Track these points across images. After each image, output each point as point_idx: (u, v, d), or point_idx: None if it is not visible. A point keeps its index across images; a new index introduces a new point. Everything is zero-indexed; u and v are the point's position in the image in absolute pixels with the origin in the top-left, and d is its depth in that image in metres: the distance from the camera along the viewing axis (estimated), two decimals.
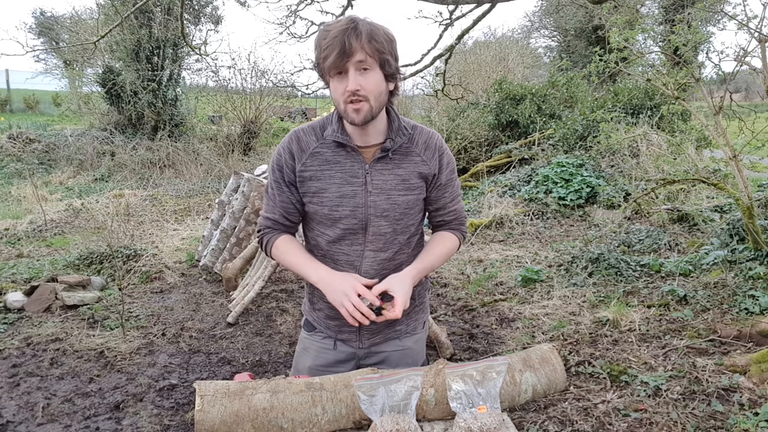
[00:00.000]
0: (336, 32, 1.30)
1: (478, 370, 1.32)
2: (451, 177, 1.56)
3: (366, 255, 1.50)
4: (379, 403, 1.26)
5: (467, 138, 9.39)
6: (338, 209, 1.46)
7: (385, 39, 1.35)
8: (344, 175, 1.45)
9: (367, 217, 1.46)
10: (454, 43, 6.67)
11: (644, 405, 2.56)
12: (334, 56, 1.31)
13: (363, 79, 1.34)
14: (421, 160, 1.48)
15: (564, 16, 18.53)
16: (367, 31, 1.31)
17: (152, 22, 12.02)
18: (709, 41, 4.54)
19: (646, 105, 7.89)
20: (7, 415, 2.77)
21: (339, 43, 1.30)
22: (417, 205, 1.52)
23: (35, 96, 19.36)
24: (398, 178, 1.47)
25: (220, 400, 1.25)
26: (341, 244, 1.50)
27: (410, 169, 1.48)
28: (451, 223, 1.61)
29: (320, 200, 1.47)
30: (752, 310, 3.29)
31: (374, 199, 1.45)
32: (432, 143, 1.51)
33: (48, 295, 4.17)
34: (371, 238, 1.49)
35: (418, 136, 1.50)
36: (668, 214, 5.61)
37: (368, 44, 1.31)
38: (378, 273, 1.51)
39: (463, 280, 4.79)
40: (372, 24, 1.35)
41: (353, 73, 1.33)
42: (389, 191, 1.46)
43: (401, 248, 1.53)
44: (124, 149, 11.52)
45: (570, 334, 3.40)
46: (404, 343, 1.59)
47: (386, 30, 1.37)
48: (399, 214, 1.48)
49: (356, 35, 1.30)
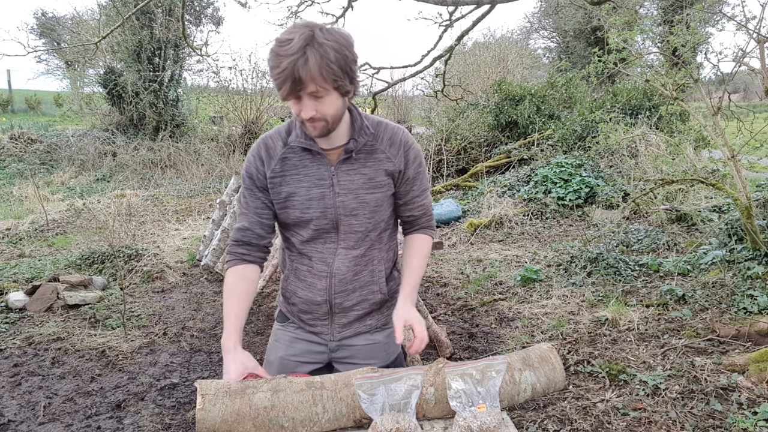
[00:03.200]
0: (286, 63, 1.24)
1: (477, 369, 1.33)
2: (419, 171, 1.55)
3: (339, 252, 1.52)
4: (380, 401, 1.27)
5: (467, 138, 9.40)
6: (308, 211, 1.49)
7: (339, 61, 1.28)
8: (312, 178, 1.48)
9: (337, 217, 1.48)
10: (454, 44, 6.67)
11: (643, 404, 2.57)
12: (285, 89, 1.28)
13: (318, 104, 1.32)
14: (386, 157, 1.49)
15: (563, 17, 18.52)
16: (318, 59, 1.24)
17: (153, 23, 12.03)
18: (708, 42, 4.56)
19: (645, 105, 7.90)
20: (9, 415, 2.78)
21: (290, 77, 1.25)
22: (386, 202, 1.53)
23: (37, 96, 19.38)
24: (364, 177, 1.48)
25: (221, 399, 1.26)
26: (315, 243, 1.53)
27: (376, 167, 1.48)
28: (420, 220, 1.61)
29: (291, 204, 1.50)
30: (751, 310, 3.30)
31: (342, 199, 1.47)
32: (397, 139, 1.50)
33: (50, 295, 4.18)
34: (343, 236, 1.51)
35: (383, 133, 1.50)
36: (667, 214, 5.62)
37: (320, 76, 1.26)
38: (350, 270, 1.53)
39: (462, 279, 4.80)
40: (325, 44, 1.26)
41: (307, 101, 1.31)
42: (356, 191, 1.48)
43: (373, 244, 1.55)
44: (125, 149, 11.53)
45: (569, 334, 3.41)
46: (375, 338, 1.59)
47: (341, 45, 1.29)
48: (369, 212, 1.50)
49: (306, 67, 1.24)
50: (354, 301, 1.56)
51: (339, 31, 1.32)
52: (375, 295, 1.59)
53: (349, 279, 1.54)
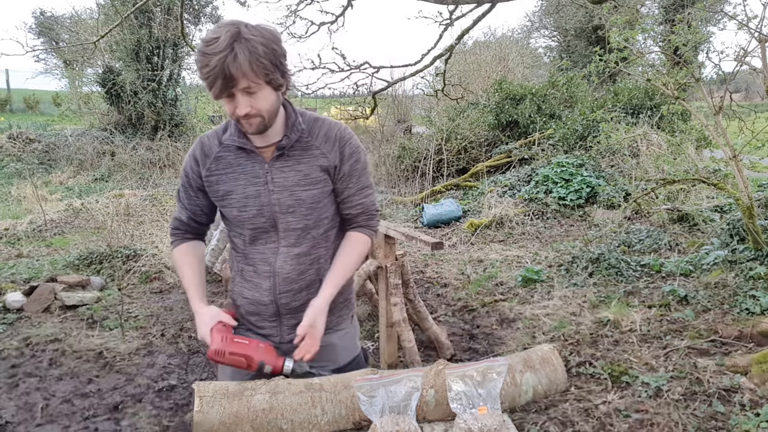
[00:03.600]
0: (215, 61, 1.24)
1: (478, 370, 1.31)
2: (356, 168, 1.52)
3: (280, 251, 1.51)
4: (379, 404, 1.26)
5: (467, 138, 9.39)
6: (246, 209, 1.48)
7: (268, 55, 1.29)
8: (247, 176, 1.47)
9: (273, 214, 1.47)
10: (454, 43, 6.66)
11: (645, 406, 2.55)
12: (217, 87, 1.28)
13: (252, 100, 1.32)
14: (320, 153, 1.48)
15: (564, 16, 18.53)
16: (247, 54, 1.25)
17: (152, 22, 12.02)
18: (709, 41, 4.54)
19: (646, 105, 7.88)
20: (6, 416, 2.77)
21: (220, 74, 1.25)
22: (324, 199, 1.51)
23: (35, 96, 19.38)
24: (299, 174, 1.47)
25: (219, 401, 1.25)
26: (256, 243, 1.52)
27: (310, 164, 1.47)
28: (357, 218, 1.57)
29: (229, 202, 1.50)
30: (753, 311, 3.29)
31: (277, 196, 1.46)
32: (332, 134, 1.49)
33: (47, 296, 4.16)
34: (283, 234, 1.50)
35: (318, 129, 1.49)
36: (668, 214, 5.60)
37: (251, 71, 1.27)
38: (294, 269, 1.51)
39: (463, 280, 4.78)
40: (252, 39, 1.26)
41: (241, 97, 1.31)
42: (292, 188, 1.46)
43: (317, 242, 1.53)
44: (124, 149, 11.52)
45: (571, 335, 3.39)
46: (328, 339, 1.55)
47: (269, 40, 1.30)
48: (306, 209, 1.48)
49: (236, 63, 1.24)
50: (302, 302, 1.53)
51: (264, 26, 1.32)
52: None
53: (293, 278, 1.51)
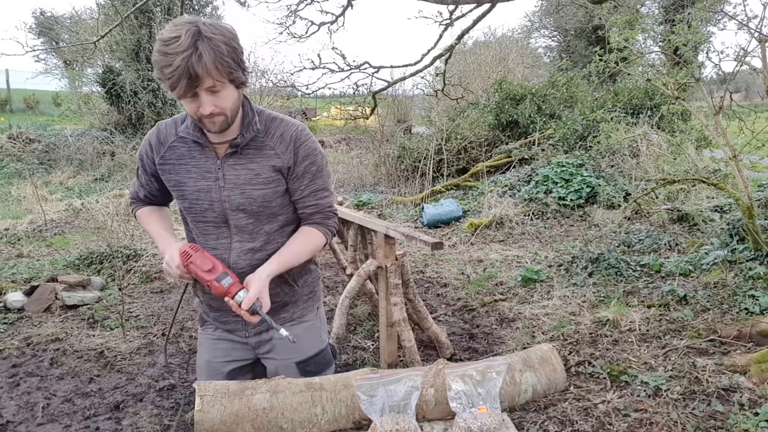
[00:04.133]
0: (179, 61, 1.22)
1: (478, 370, 1.32)
2: (310, 170, 1.50)
3: (233, 246, 1.51)
4: (379, 403, 1.26)
5: (467, 138, 9.39)
6: (198, 203, 1.48)
7: (230, 54, 1.28)
8: (199, 170, 1.47)
9: (224, 211, 1.47)
10: (454, 43, 6.66)
11: (644, 405, 2.56)
12: (182, 87, 1.26)
13: (216, 99, 1.31)
14: (274, 153, 1.46)
15: (564, 16, 18.53)
16: (212, 53, 1.24)
17: (152, 22, 12.03)
18: (709, 41, 4.53)
19: (646, 105, 7.88)
20: (7, 415, 2.77)
21: (184, 74, 1.23)
22: (277, 198, 1.50)
23: (35, 96, 19.37)
24: (251, 173, 1.45)
25: (219, 400, 1.25)
26: (208, 237, 1.52)
27: (263, 163, 1.46)
28: (313, 217, 1.56)
29: (181, 193, 1.50)
30: (752, 310, 3.29)
31: (228, 194, 1.46)
32: (288, 135, 1.47)
33: (48, 295, 4.17)
34: (235, 230, 1.50)
35: (275, 129, 1.48)
36: (668, 214, 5.61)
37: (215, 70, 1.26)
38: (249, 264, 1.50)
39: (463, 280, 4.79)
40: (214, 38, 1.25)
41: (205, 97, 1.30)
42: (243, 186, 1.45)
43: (271, 238, 1.52)
44: (124, 149, 11.52)
45: (570, 334, 3.40)
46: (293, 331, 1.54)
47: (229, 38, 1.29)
48: (257, 208, 1.47)
49: (201, 63, 1.23)
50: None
51: (222, 24, 1.32)
52: (283, 288, 1.57)
53: (248, 273, 1.49)
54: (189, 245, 1.46)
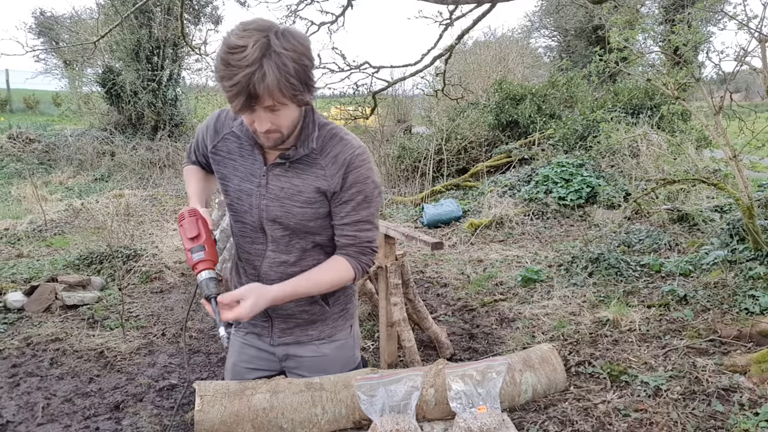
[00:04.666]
0: (240, 77, 1.11)
1: (478, 370, 1.32)
2: (355, 197, 1.38)
3: (267, 255, 1.44)
4: (379, 403, 1.26)
5: (467, 138, 9.39)
6: (239, 203, 1.43)
7: (299, 74, 1.16)
8: (245, 171, 1.40)
9: (261, 218, 1.40)
10: (454, 43, 6.66)
11: (644, 405, 2.56)
12: (239, 103, 1.17)
13: (273, 117, 1.22)
14: (323, 174, 1.36)
15: (564, 16, 18.53)
16: (276, 73, 1.12)
17: (152, 22, 12.03)
18: (709, 41, 4.54)
19: (646, 105, 7.89)
20: (7, 415, 2.77)
21: (243, 91, 1.13)
22: (317, 219, 1.40)
23: (35, 96, 19.38)
24: (294, 189, 1.37)
25: (219, 400, 1.25)
26: (245, 240, 1.47)
27: (309, 182, 1.36)
28: (347, 248, 1.43)
29: (225, 188, 1.45)
30: (752, 310, 3.29)
31: (267, 203, 1.38)
32: (341, 158, 1.35)
33: (48, 295, 4.17)
34: (270, 239, 1.43)
35: (331, 148, 1.36)
36: (668, 214, 5.61)
37: (278, 91, 1.15)
38: (279, 277, 1.42)
39: (463, 280, 4.79)
40: (284, 54, 1.13)
41: (262, 114, 1.21)
42: (283, 199, 1.37)
43: (308, 254, 1.44)
44: (124, 149, 11.52)
45: (570, 334, 3.40)
46: (322, 350, 1.51)
47: (300, 53, 1.16)
48: (294, 224, 1.39)
49: (264, 83, 1.12)
50: (290, 311, 1.48)
51: (296, 34, 1.18)
52: (313, 307, 1.49)
53: None
54: (190, 209, 1.41)
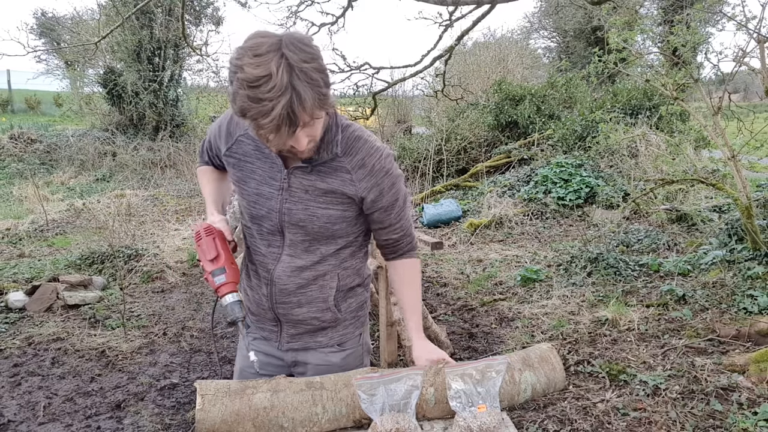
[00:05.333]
0: (279, 109, 1.06)
1: (477, 369, 1.33)
2: (396, 198, 1.38)
3: (282, 259, 1.40)
4: (379, 402, 1.27)
5: (467, 138, 9.40)
6: (256, 206, 1.38)
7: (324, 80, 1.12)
8: (264, 174, 1.36)
9: (281, 222, 1.36)
10: (454, 44, 6.67)
11: (643, 404, 2.57)
12: (283, 133, 1.11)
13: (311, 131, 1.19)
14: (350, 179, 1.32)
15: (563, 17, 18.52)
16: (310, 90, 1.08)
17: (153, 23, 12.04)
18: (708, 42, 4.55)
19: (645, 105, 7.90)
20: (9, 415, 2.78)
21: (285, 121, 1.08)
22: (343, 222, 1.37)
23: (36, 96, 19.37)
24: (319, 191, 1.33)
25: (220, 399, 1.26)
26: (260, 243, 1.43)
27: (333, 186, 1.32)
28: (400, 243, 1.45)
29: (241, 191, 1.41)
30: (751, 310, 3.30)
31: (290, 206, 1.34)
32: (370, 163, 1.32)
33: (49, 295, 4.18)
34: (288, 242, 1.39)
35: (357, 152, 1.32)
36: (667, 214, 5.62)
37: (317, 109, 1.12)
38: (293, 281, 1.41)
39: (462, 279, 4.80)
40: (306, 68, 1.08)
41: (301, 134, 1.16)
42: (308, 202, 1.33)
43: (324, 258, 1.41)
44: (125, 149, 11.53)
45: (569, 334, 3.41)
46: (330, 359, 1.48)
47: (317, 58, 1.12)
48: (318, 228, 1.35)
49: (303, 105, 1.08)
50: (301, 317, 1.45)
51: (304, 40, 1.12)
52: (325, 313, 1.45)
53: (291, 290, 1.42)
54: (206, 226, 1.38)
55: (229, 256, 1.37)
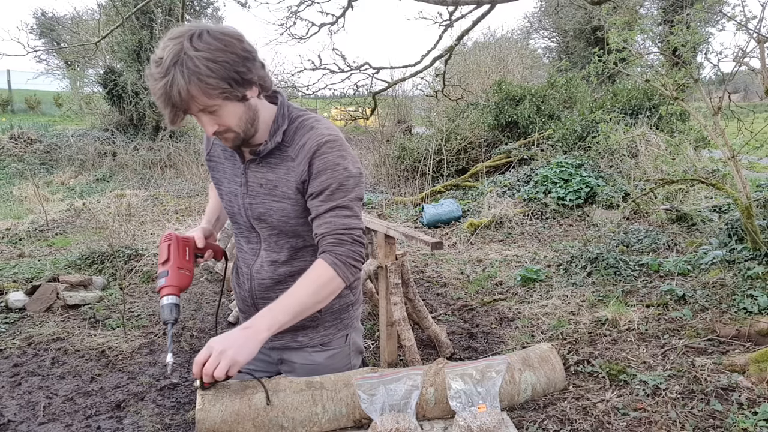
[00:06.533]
0: (158, 88, 1.12)
1: (477, 369, 1.33)
2: (327, 186, 1.28)
3: (261, 255, 1.44)
4: (379, 402, 1.27)
5: (467, 138, 9.41)
6: (230, 205, 1.45)
7: (218, 72, 1.12)
8: (231, 172, 1.42)
9: (248, 218, 1.41)
10: (454, 44, 6.68)
11: (643, 404, 2.57)
12: (168, 115, 1.16)
13: (216, 118, 1.19)
14: (293, 164, 1.31)
15: (563, 17, 18.54)
16: (188, 77, 1.10)
17: (153, 23, 12.04)
18: (708, 42, 4.56)
19: (645, 105, 7.90)
20: (9, 415, 2.78)
21: (166, 103, 1.13)
22: (298, 217, 1.36)
23: (37, 96, 19.38)
24: (270, 184, 1.35)
25: (220, 399, 1.26)
26: (242, 241, 1.49)
27: (282, 176, 1.33)
28: (323, 240, 1.29)
29: (220, 191, 1.48)
30: (751, 310, 3.30)
31: (250, 201, 1.38)
32: (308, 146, 1.29)
33: (49, 295, 4.18)
34: (263, 238, 1.43)
35: (300, 137, 1.31)
36: (667, 214, 5.62)
37: (200, 95, 1.13)
38: (271, 277, 1.43)
39: (462, 279, 4.80)
40: (195, 57, 1.10)
41: (203, 117, 1.19)
42: (264, 196, 1.36)
43: (299, 254, 1.41)
44: (125, 149, 11.54)
45: (569, 334, 3.41)
46: (314, 358, 1.48)
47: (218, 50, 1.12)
48: (276, 222, 1.36)
49: (179, 94, 1.11)
50: None
51: (216, 32, 1.15)
52: None
53: (269, 285, 1.43)
54: (166, 234, 1.42)
55: (180, 261, 1.40)
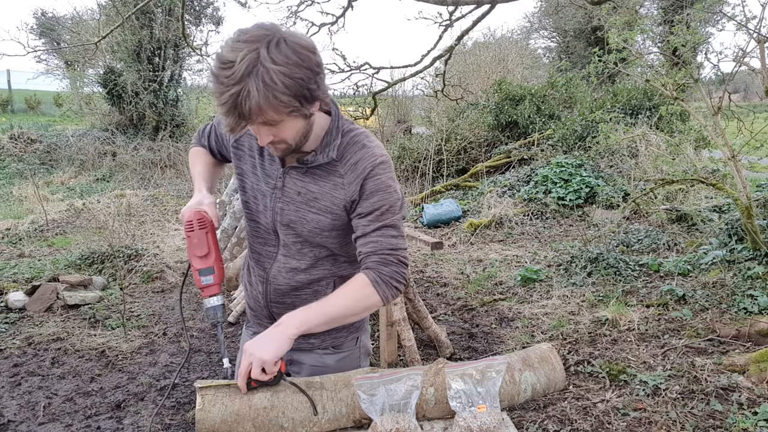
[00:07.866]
0: (227, 96, 1.06)
1: (477, 369, 1.33)
2: (377, 207, 1.28)
3: (278, 259, 1.40)
4: (379, 402, 1.27)
5: (467, 138, 9.41)
6: (254, 202, 1.39)
7: (291, 89, 1.08)
8: (263, 170, 1.35)
9: (274, 221, 1.36)
10: (454, 43, 6.67)
11: (643, 404, 2.57)
12: (230, 122, 1.11)
13: (275, 130, 1.16)
14: (342, 182, 1.29)
15: (563, 17, 18.53)
16: (263, 91, 1.05)
17: (153, 23, 12.04)
18: (708, 42, 4.56)
19: (645, 105, 7.90)
20: (9, 415, 2.78)
21: (232, 111, 1.08)
22: (333, 231, 1.33)
23: (36, 96, 19.37)
24: (310, 195, 1.31)
25: (220, 399, 1.26)
26: (258, 241, 1.43)
27: (326, 189, 1.30)
28: (367, 259, 1.28)
29: (241, 185, 1.42)
30: (751, 310, 3.31)
31: (282, 206, 1.33)
32: (361, 166, 1.27)
33: (49, 295, 4.18)
34: (283, 242, 1.38)
35: (352, 155, 1.29)
36: (667, 214, 5.62)
37: (269, 110, 1.08)
38: (287, 283, 1.40)
39: (462, 279, 4.80)
40: (272, 69, 1.05)
41: (261, 128, 1.15)
42: (299, 204, 1.31)
43: (320, 263, 1.38)
44: (125, 149, 11.53)
45: (569, 334, 3.41)
46: (324, 360, 1.47)
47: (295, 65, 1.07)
48: (307, 232, 1.33)
49: (248, 102, 1.06)
50: None
51: (293, 42, 1.09)
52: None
53: (286, 291, 1.41)
54: (200, 217, 1.31)
55: (218, 252, 1.33)
